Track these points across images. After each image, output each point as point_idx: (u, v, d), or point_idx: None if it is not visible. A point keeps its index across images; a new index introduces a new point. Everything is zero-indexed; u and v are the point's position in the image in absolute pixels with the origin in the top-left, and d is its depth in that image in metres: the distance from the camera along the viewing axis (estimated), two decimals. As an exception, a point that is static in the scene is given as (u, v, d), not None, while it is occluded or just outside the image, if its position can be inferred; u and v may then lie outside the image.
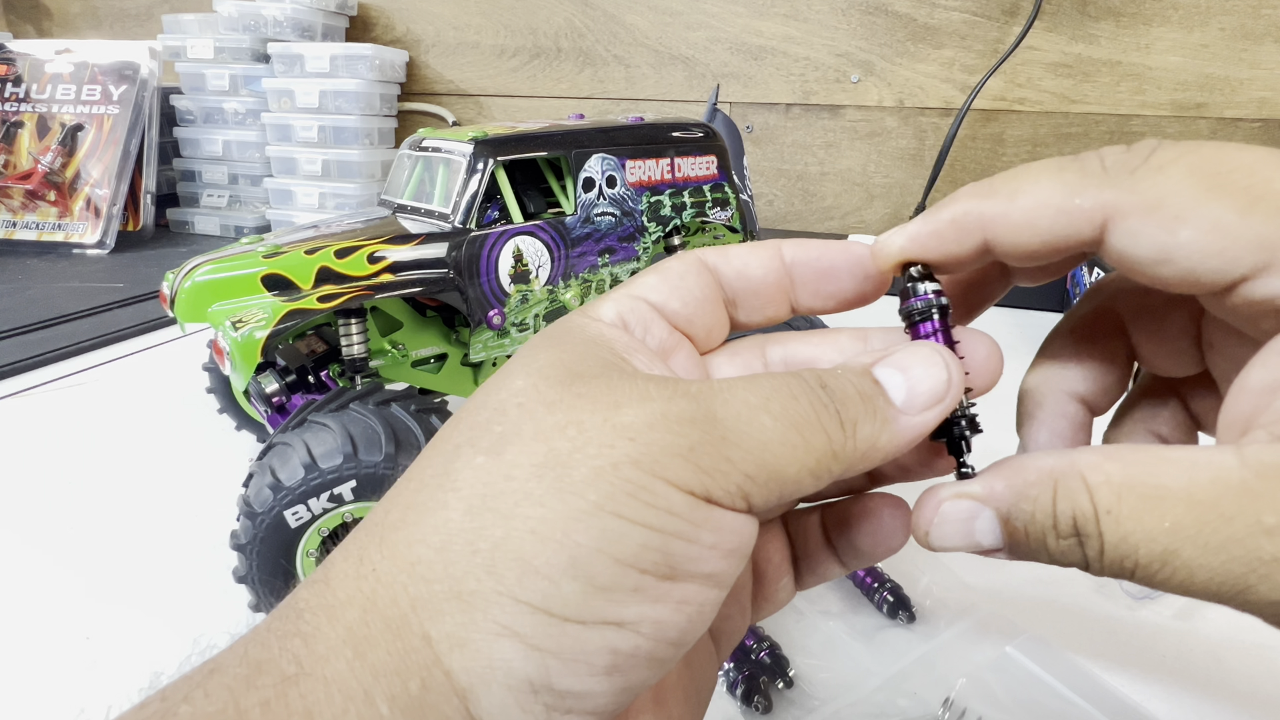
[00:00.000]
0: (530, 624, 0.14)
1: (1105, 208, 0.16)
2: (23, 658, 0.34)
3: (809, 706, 0.30)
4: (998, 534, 0.17)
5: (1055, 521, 0.16)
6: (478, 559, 0.14)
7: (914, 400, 0.17)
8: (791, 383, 0.16)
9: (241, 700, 0.13)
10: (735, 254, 0.20)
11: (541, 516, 0.14)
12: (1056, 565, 0.16)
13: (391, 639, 0.14)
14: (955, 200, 0.18)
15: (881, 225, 1.08)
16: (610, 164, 0.49)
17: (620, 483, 0.14)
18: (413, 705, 0.13)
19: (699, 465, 0.15)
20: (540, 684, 0.14)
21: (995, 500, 0.17)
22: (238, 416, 0.51)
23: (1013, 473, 0.17)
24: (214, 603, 0.37)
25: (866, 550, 0.20)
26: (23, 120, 1.08)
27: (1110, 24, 0.92)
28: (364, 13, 1.22)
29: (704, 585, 0.15)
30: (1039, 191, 0.17)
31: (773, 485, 0.15)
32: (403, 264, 0.43)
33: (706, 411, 0.15)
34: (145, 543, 0.42)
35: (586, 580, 0.14)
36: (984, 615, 0.35)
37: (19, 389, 0.61)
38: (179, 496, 0.46)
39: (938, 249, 0.18)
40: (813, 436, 0.16)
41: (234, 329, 0.38)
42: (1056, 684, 0.31)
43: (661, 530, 0.14)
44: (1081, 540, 0.15)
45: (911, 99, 1.02)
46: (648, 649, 0.14)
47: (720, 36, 1.08)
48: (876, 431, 0.16)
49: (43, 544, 0.41)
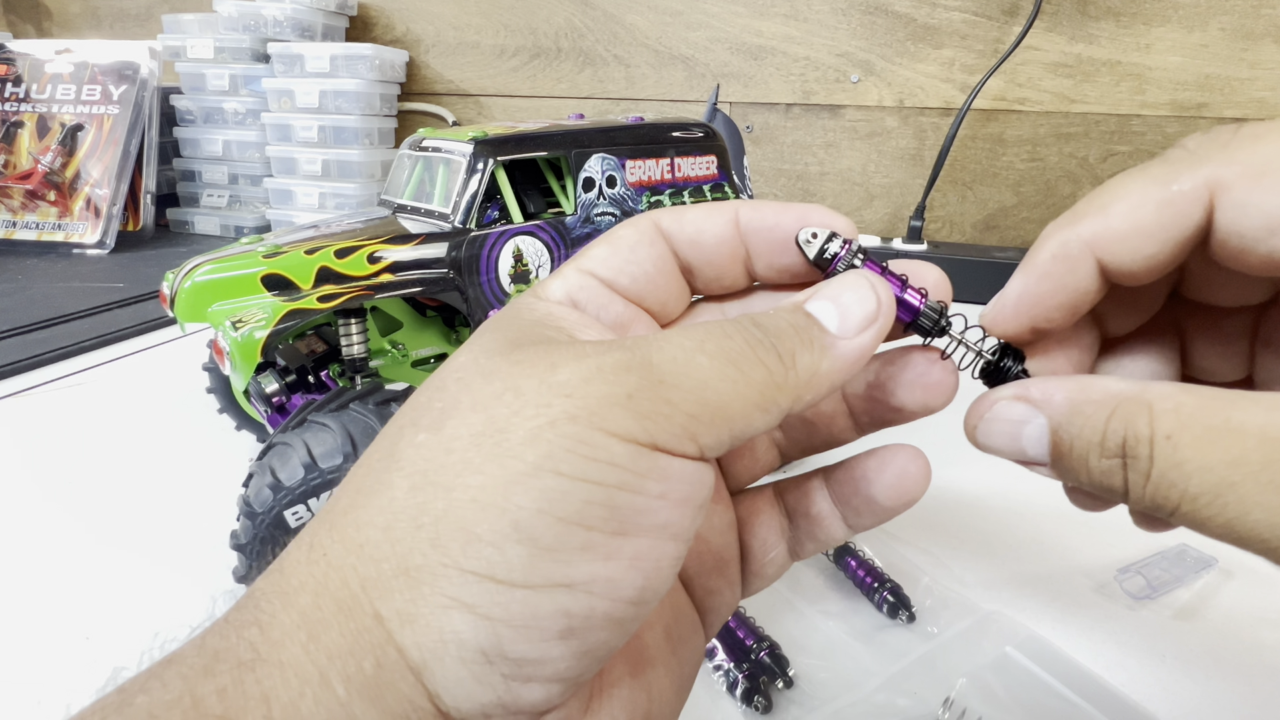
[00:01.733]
0: (478, 593, 0.13)
1: (1208, 183, 0.15)
2: (23, 657, 0.34)
3: (809, 706, 0.30)
4: (1045, 445, 0.16)
5: (1103, 438, 0.15)
6: (422, 534, 0.14)
7: (847, 324, 0.17)
8: (725, 325, 0.16)
9: (198, 688, 0.13)
10: (690, 218, 0.19)
11: (481, 484, 0.14)
12: (1093, 490, 0.16)
13: (344, 620, 0.14)
14: (1043, 240, 0.17)
15: (881, 225, 1.08)
16: (610, 164, 0.49)
17: (559, 439, 0.14)
18: (368, 684, 0.13)
19: (639, 411, 0.14)
20: (494, 653, 0.13)
21: (1051, 408, 0.16)
22: (238, 416, 0.51)
23: (1077, 388, 0.16)
24: (214, 603, 0.37)
25: (887, 501, 0.20)
26: (23, 120, 1.08)
27: (1110, 24, 0.92)
28: (364, 13, 1.22)
29: (657, 539, 0.14)
30: (1132, 194, 0.16)
31: (719, 423, 0.15)
32: (403, 264, 0.43)
33: (642, 359, 0.15)
34: (145, 543, 0.42)
35: (531, 543, 0.13)
36: (984, 615, 0.35)
37: (19, 389, 0.61)
38: (179, 496, 0.46)
39: (1052, 294, 0.17)
40: (751, 370, 0.15)
41: (234, 329, 0.38)
42: (1056, 684, 0.31)
43: (603, 483, 0.14)
44: (1126, 463, 0.15)
45: (911, 99, 1.02)
46: (603, 609, 0.14)
47: (720, 36, 1.08)
48: (816, 359, 0.16)
49: (42, 544, 0.41)
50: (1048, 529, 0.43)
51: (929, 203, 1.02)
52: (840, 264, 0.18)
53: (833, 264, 0.18)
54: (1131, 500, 0.15)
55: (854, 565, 0.37)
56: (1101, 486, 0.16)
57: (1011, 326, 0.18)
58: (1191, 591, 0.37)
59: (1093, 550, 0.41)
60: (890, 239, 0.94)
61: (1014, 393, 0.17)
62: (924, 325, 0.19)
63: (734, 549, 0.21)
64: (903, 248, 0.90)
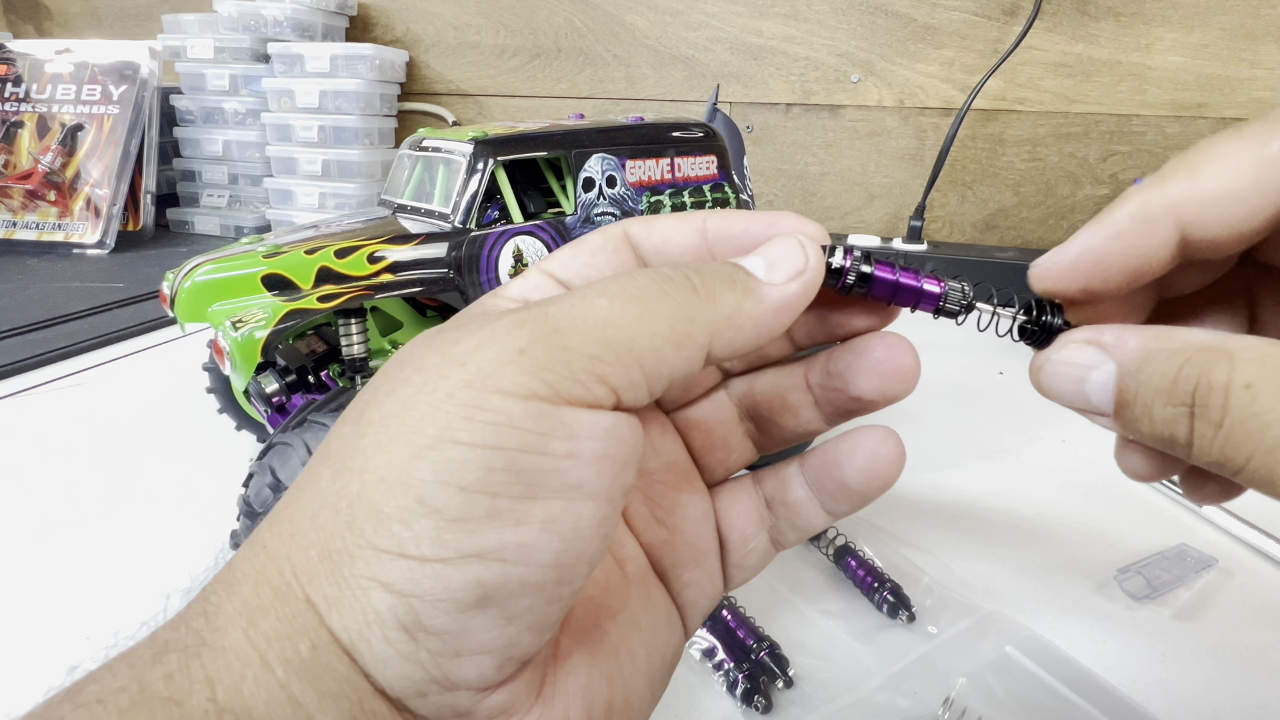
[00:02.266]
0: (393, 571, 0.14)
1: None
2: (22, 658, 0.34)
3: (809, 706, 0.30)
4: (1110, 393, 0.16)
5: (1174, 384, 0.14)
6: (340, 518, 0.14)
7: (774, 273, 0.17)
8: (635, 271, 0.16)
9: (145, 675, 0.13)
10: (659, 226, 0.19)
11: (388, 463, 0.14)
12: (1154, 443, 0.15)
13: (280, 606, 0.14)
14: (1123, 199, 0.16)
15: (881, 225, 1.08)
16: (610, 164, 0.49)
17: (455, 409, 0.14)
18: (305, 666, 0.14)
19: (534, 363, 0.14)
20: (414, 628, 0.14)
21: (1122, 354, 0.16)
22: (238, 416, 0.51)
23: (1153, 335, 0.15)
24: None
25: (859, 486, 0.19)
26: (23, 120, 1.08)
27: (1110, 24, 0.92)
28: (364, 13, 1.22)
29: (571, 499, 0.14)
30: (1227, 154, 0.15)
31: (626, 360, 0.14)
32: (403, 264, 0.43)
33: (538, 313, 0.15)
34: (145, 543, 0.42)
35: (436, 515, 0.13)
36: (984, 615, 0.35)
37: (19, 389, 0.61)
38: (179, 496, 0.46)
39: (1120, 255, 0.16)
40: (656, 304, 0.15)
41: (234, 329, 0.38)
42: (1056, 684, 0.31)
43: (502, 447, 0.14)
44: (1195, 412, 0.14)
45: (911, 99, 1.02)
46: (519, 574, 0.14)
47: (720, 36, 1.08)
48: (739, 298, 0.16)
49: (42, 544, 0.41)
50: (1048, 529, 0.43)
51: (929, 203, 1.02)
52: (851, 275, 0.18)
53: (843, 276, 0.18)
54: (1195, 453, 0.14)
55: (854, 565, 0.37)
56: (1163, 438, 0.15)
57: (1063, 282, 0.17)
58: (1191, 591, 0.37)
59: (1093, 550, 0.41)
60: (890, 239, 0.94)
61: (1085, 336, 0.16)
62: (952, 309, 0.18)
63: (711, 540, 0.21)
64: (903, 248, 0.90)
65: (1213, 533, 0.43)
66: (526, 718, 0.15)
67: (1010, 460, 0.51)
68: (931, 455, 0.51)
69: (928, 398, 0.60)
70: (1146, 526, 0.43)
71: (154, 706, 0.13)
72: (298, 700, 0.13)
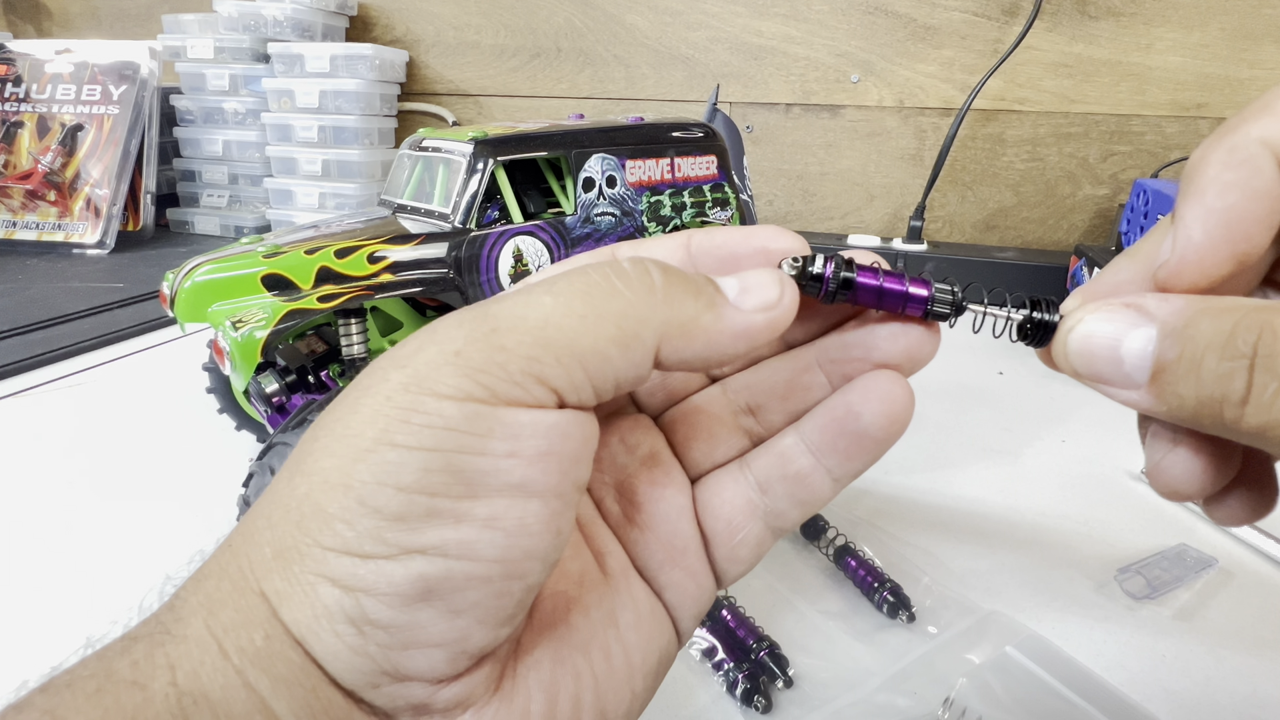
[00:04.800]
0: (338, 567, 0.14)
1: None
2: (22, 658, 0.34)
3: (809, 706, 0.30)
4: (1148, 359, 0.14)
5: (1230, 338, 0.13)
6: (290, 517, 0.15)
7: (745, 298, 0.16)
8: (590, 265, 0.16)
9: (114, 664, 0.14)
10: (646, 247, 0.19)
11: (332, 465, 0.14)
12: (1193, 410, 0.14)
13: (237, 599, 0.15)
14: (1202, 156, 0.14)
15: (881, 225, 1.08)
16: (610, 164, 0.49)
17: (393, 411, 0.14)
18: (259, 655, 0.14)
19: (469, 366, 0.14)
20: (361, 621, 0.14)
21: (1167, 313, 0.14)
22: (238, 416, 0.51)
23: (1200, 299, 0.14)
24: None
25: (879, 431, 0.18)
26: (23, 120, 1.08)
27: (1110, 24, 0.92)
28: (364, 13, 1.22)
29: (515, 498, 0.14)
30: None
31: (568, 361, 0.14)
32: (403, 264, 0.43)
33: (479, 313, 0.15)
34: (145, 543, 0.42)
35: (376, 514, 0.14)
36: (984, 615, 0.35)
37: (19, 389, 0.61)
38: (179, 496, 0.46)
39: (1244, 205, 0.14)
40: (604, 302, 0.15)
41: (234, 329, 0.38)
42: (1056, 684, 0.31)
43: (438, 449, 0.14)
44: (1256, 364, 0.13)
45: (911, 99, 1.02)
46: (463, 570, 0.14)
47: (720, 36, 1.08)
48: (699, 309, 0.16)
49: (42, 544, 0.41)
50: (1048, 529, 0.43)
51: (929, 203, 1.02)
52: (832, 283, 0.18)
53: (825, 284, 0.18)
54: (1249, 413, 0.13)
55: (854, 565, 0.37)
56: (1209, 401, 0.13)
57: (1210, 263, 0.15)
58: (1191, 591, 0.37)
59: (1093, 550, 0.41)
60: (890, 239, 0.94)
61: (1124, 300, 0.15)
62: (941, 311, 0.18)
63: (689, 537, 0.20)
64: (903, 248, 0.90)
65: (1213, 533, 0.43)
66: (484, 710, 0.16)
67: (1010, 460, 0.51)
68: (931, 455, 0.51)
69: (927, 398, 0.60)
70: (1146, 526, 0.43)
71: (119, 690, 0.13)
72: (252, 685, 0.14)
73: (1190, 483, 0.17)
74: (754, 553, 0.20)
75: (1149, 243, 0.17)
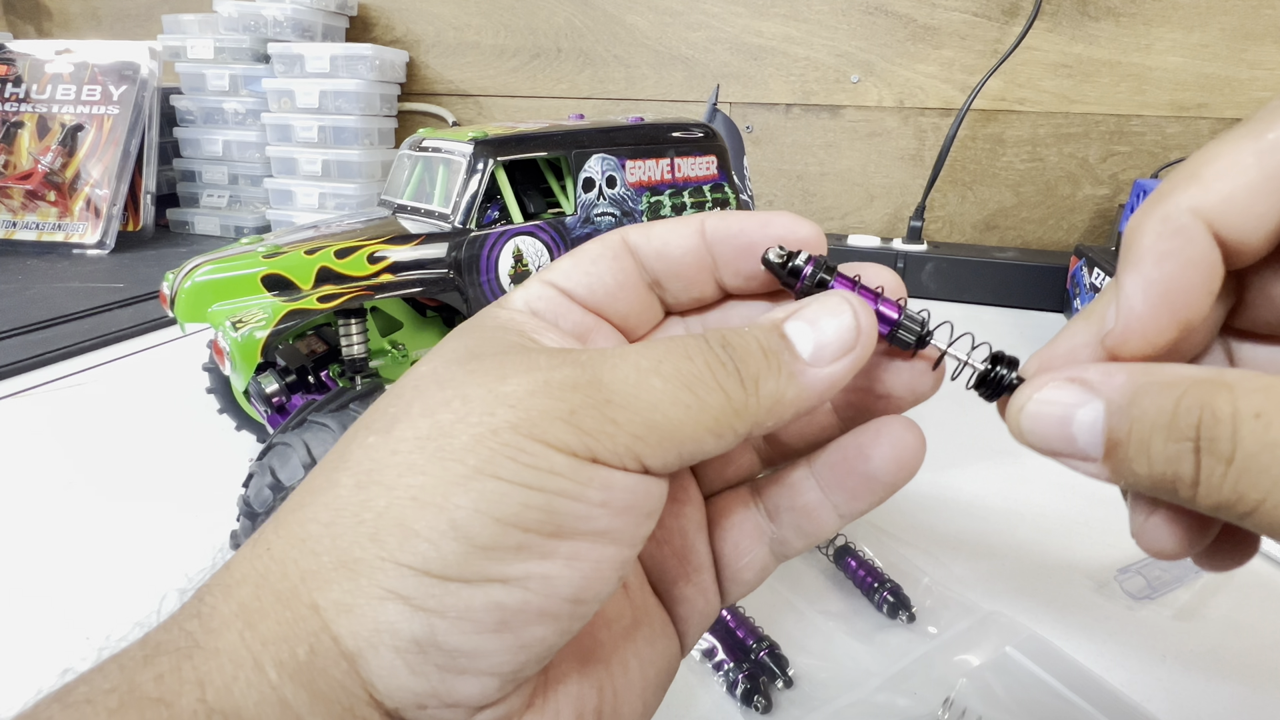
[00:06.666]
0: (413, 585, 0.14)
1: None
2: (22, 658, 0.34)
3: (809, 706, 0.30)
4: (1099, 435, 0.15)
5: (1173, 419, 0.13)
6: (363, 529, 0.14)
7: (822, 352, 0.16)
8: (688, 343, 0.16)
9: (136, 676, 0.13)
10: (658, 231, 0.19)
11: (423, 484, 0.14)
12: (1152, 488, 0.14)
13: (281, 609, 0.14)
14: (1137, 226, 0.15)
15: (881, 225, 1.08)
16: (610, 164, 0.49)
17: (499, 447, 0.14)
18: (301, 670, 0.14)
19: (580, 428, 0.14)
20: (427, 643, 0.14)
21: (1110, 390, 0.15)
22: (238, 416, 0.51)
23: (1141, 370, 0.14)
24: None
25: (887, 476, 0.18)
26: (23, 120, 1.08)
27: (1110, 24, 0.92)
28: (364, 13, 1.22)
29: (596, 542, 0.15)
30: (1224, 153, 0.14)
31: (667, 446, 0.15)
32: (403, 264, 0.43)
33: (592, 377, 0.15)
34: (145, 543, 0.42)
35: (467, 540, 0.14)
36: (984, 615, 0.35)
37: (19, 389, 0.61)
38: (179, 496, 0.46)
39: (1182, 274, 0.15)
40: (708, 395, 0.15)
41: (234, 329, 0.38)
42: (1056, 684, 0.31)
43: (542, 489, 0.14)
44: (1200, 446, 0.13)
45: (911, 99, 1.02)
46: (538, 604, 0.14)
47: (720, 36, 1.08)
48: (782, 387, 0.16)
49: (42, 544, 0.41)
50: (1048, 529, 0.43)
51: (929, 203, 1.02)
52: (807, 279, 0.18)
53: (800, 279, 0.18)
54: (1201, 494, 0.13)
55: (854, 565, 0.37)
56: (1163, 479, 0.14)
57: (1153, 331, 0.15)
58: (1191, 591, 0.37)
59: (1093, 550, 0.41)
60: (890, 239, 0.94)
61: (1068, 374, 0.15)
62: (904, 339, 0.18)
63: (704, 554, 0.20)
64: (903, 248, 0.90)
65: (1213, 533, 0.43)
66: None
67: (1010, 460, 0.51)
68: (931, 455, 0.51)
69: (928, 398, 0.60)
70: (1146, 526, 0.43)
71: (143, 707, 0.13)
72: (288, 702, 0.13)
73: (1174, 545, 0.17)
74: (758, 576, 0.21)
75: (1101, 304, 0.17)
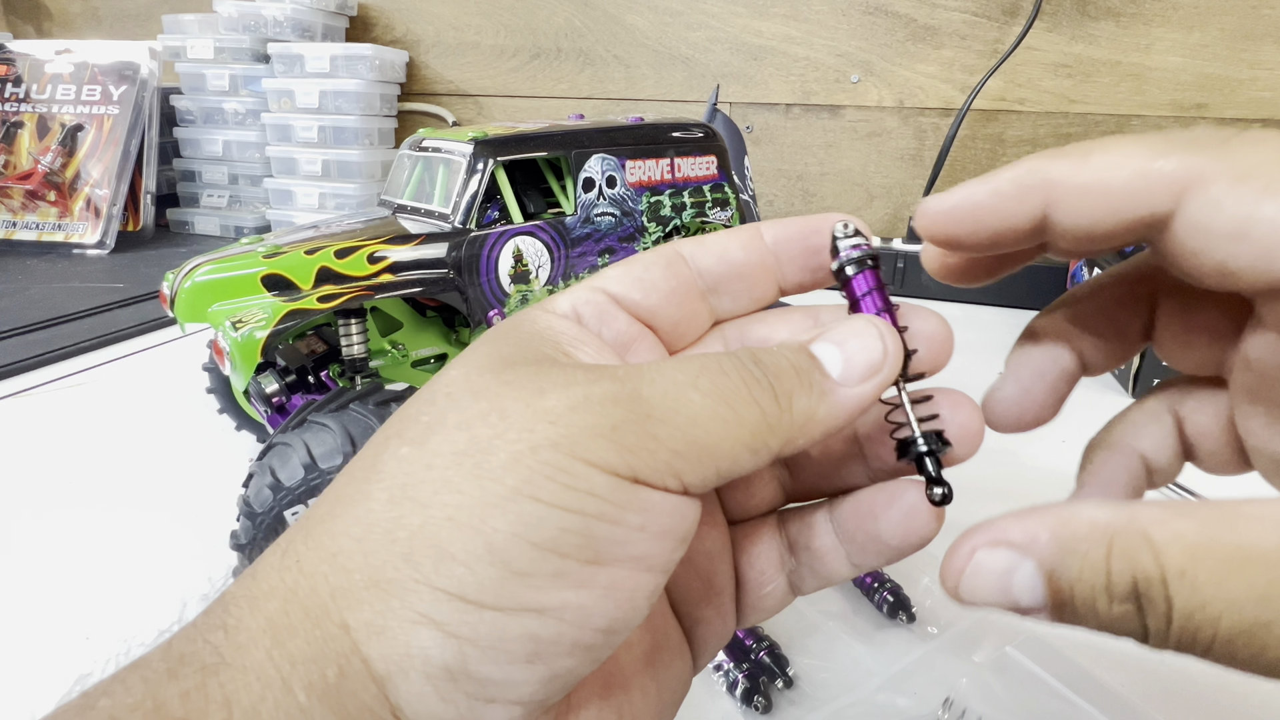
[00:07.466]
0: (447, 611, 0.13)
1: (1189, 172, 0.14)
2: (22, 658, 0.34)
3: (809, 706, 0.30)
4: (1039, 591, 0.15)
5: (1109, 581, 0.14)
6: (396, 547, 0.14)
7: (850, 372, 0.16)
8: (722, 360, 0.16)
9: (160, 692, 0.13)
10: (713, 240, 0.19)
11: (459, 503, 0.14)
12: (1109, 633, 0.15)
13: (310, 627, 0.14)
14: (1019, 162, 0.16)
15: (881, 225, 1.08)
16: (610, 164, 0.49)
17: (539, 466, 0.14)
18: (330, 692, 0.13)
19: (622, 444, 0.14)
20: (459, 671, 0.13)
21: (1037, 551, 0.15)
22: (238, 416, 0.51)
23: (1059, 522, 0.15)
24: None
25: (893, 540, 0.19)
26: (23, 120, 1.08)
27: (1110, 24, 0.92)
28: (364, 13, 1.22)
29: (633, 569, 0.14)
30: (1117, 152, 0.15)
31: (706, 461, 0.15)
32: (403, 264, 0.43)
33: (631, 391, 0.15)
34: (145, 543, 0.42)
35: (504, 566, 0.13)
36: (984, 615, 0.35)
37: (19, 389, 0.61)
38: (179, 496, 0.46)
39: (991, 211, 0.16)
40: (744, 410, 0.15)
41: (234, 329, 0.38)
42: (1056, 684, 0.31)
43: (582, 513, 0.14)
44: (1142, 605, 0.14)
45: (911, 99, 1.02)
46: (572, 636, 0.14)
47: (720, 36, 1.08)
48: (814, 404, 0.16)
49: (42, 544, 0.41)
50: (1048, 529, 0.43)
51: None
52: (844, 260, 0.18)
53: (838, 257, 0.18)
54: (1154, 644, 0.14)
55: (854, 565, 0.37)
56: (1116, 631, 0.15)
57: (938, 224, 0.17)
58: (1191, 591, 0.37)
59: (1093, 550, 0.41)
60: (890, 239, 0.94)
61: (990, 538, 0.16)
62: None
63: (726, 577, 0.20)
64: (903, 248, 0.90)
65: (1213, 533, 0.43)
66: None
67: (1010, 460, 0.51)
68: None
69: (928, 398, 0.60)
70: (1146, 526, 0.43)
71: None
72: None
73: None
74: (778, 605, 0.21)
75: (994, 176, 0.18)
